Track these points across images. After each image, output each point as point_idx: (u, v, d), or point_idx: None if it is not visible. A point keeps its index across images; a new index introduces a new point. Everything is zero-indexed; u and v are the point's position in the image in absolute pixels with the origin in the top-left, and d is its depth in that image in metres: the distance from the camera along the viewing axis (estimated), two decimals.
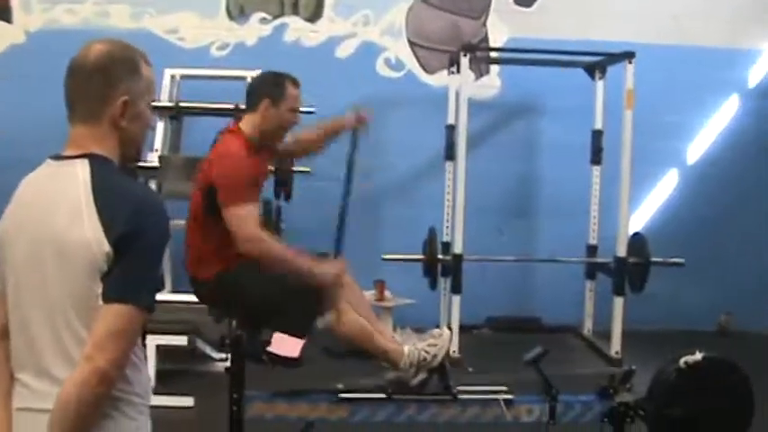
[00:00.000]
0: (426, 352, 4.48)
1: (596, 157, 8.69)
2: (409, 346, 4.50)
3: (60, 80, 2.42)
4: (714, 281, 9.20)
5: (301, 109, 7.67)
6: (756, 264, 9.37)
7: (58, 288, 2.27)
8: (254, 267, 4.39)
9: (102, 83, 2.36)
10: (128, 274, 2.25)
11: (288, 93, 4.60)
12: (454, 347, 7.50)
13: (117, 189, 2.32)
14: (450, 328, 4.77)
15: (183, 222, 6.63)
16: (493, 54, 9.11)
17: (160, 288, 2.44)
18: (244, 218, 4.31)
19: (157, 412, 2.46)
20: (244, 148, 4.48)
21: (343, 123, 5.05)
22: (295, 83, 4.66)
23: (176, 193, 7.26)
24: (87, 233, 2.24)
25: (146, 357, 2.48)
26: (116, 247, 2.23)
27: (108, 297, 2.24)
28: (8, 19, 8.75)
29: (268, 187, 6.60)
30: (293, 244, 4.86)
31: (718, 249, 9.27)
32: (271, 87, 4.60)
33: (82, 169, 2.32)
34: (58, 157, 2.39)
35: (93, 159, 2.34)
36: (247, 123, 4.58)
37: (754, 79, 9.54)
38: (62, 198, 2.30)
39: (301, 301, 4.44)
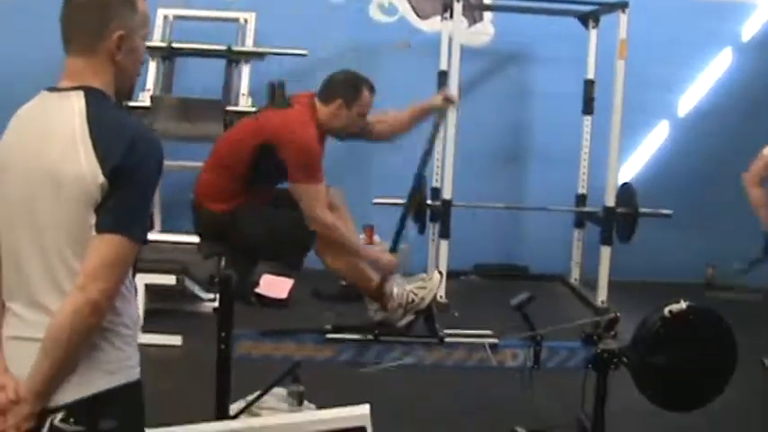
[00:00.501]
0: (415, 294, 4.51)
1: (588, 107, 8.70)
2: (398, 288, 4.53)
3: (55, 20, 2.42)
4: (702, 234, 9.25)
5: (294, 51, 7.68)
6: (743, 218, 9.39)
7: (51, 219, 2.28)
8: (254, 211, 4.47)
9: (99, 16, 2.35)
10: (121, 205, 2.26)
11: (362, 98, 4.62)
12: (441, 293, 7.55)
13: (113, 121, 2.33)
14: (440, 273, 4.78)
15: (174, 163, 6.70)
16: (486, 1, 9.08)
17: (150, 226, 2.46)
18: (315, 198, 4.42)
19: (146, 350, 2.49)
20: (315, 125, 4.52)
21: (431, 104, 5.06)
22: (372, 89, 4.69)
23: (168, 133, 7.26)
24: (82, 164, 2.24)
25: (136, 290, 2.49)
26: (111, 179, 2.23)
27: (101, 228, 2.25)
28: None
29: None
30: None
31: (707, 202, 9.29)
32: (348, 89, 4.61)
33: (77, 101, 2.31)
34: (53, 89, 2.39)
35: (89, 92, 2.34)
36: (320, 110, 4.56)
37: (747, 33, 9.54)
38: (57, 129, 2.29)
39: (294, 233, 4.48)
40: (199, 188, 4.59)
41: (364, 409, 2.82)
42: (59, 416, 2.27)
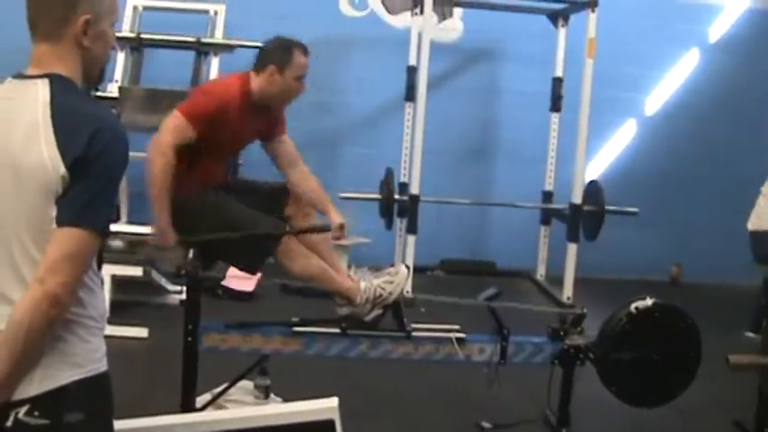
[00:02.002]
0: (382, 288, 4.50)
1: (555, 105, 8.73)
2: (365, 283, 4.52)
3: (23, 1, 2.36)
4: (667, 232, 9.32)
5: (262, 45, 7.67)
6: (708, 217, 9.48)
7: (13, 209, 2.24)
8: (215, 200, 4.41)
9: (65, 1, 2.30)
10: (82, 198, 2.21)
11: (295, 61, 4.53)
12: (408, 288, 7.56)
13: (77, 110, 2.27)
14: (407, 266, 4.77)
15: (141, 155, 6.65)
16: None
17: (114, 216, 2.41)
18: (170, 126, 4.32)
19: (112, 342, 2.47)
20: (239, 91, 4.46)
21: (331, 215, 4.77)
22: (304, 51, 4.60)
23: (135, 124, 7.23)
24: (44, 154, 2.19)
25: (102, 281, 2.46)
26: (72, 170, 2.18)
27: (61, 221, 2.20)
28: None
29: None
30: (252, 176, 4.84)
31: (672, 201, 9.38)
32: (279, 53, 4.53)
33: (43, 89, 2.26)
34: (19, 76, 2.34)
35: (55, 79, 2.29)
36: (253, 81, 4.53)
37: (714, 34, 9.63)
38: (20, 118, 2.25)
39: (254, 239, 4.42)
40: None
41: (332, 402, 2.81)
42: (24, 409, 2.23)
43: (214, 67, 7.90)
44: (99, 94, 7.27)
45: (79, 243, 2.21)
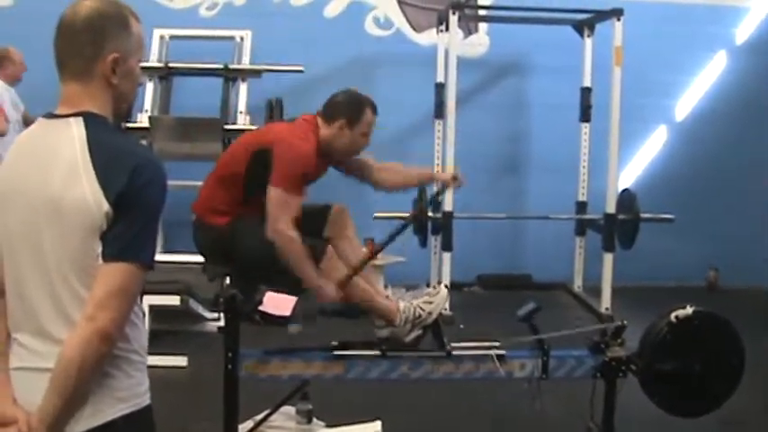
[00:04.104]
0: (422, 309, 4.48)
1: (585, 115, 8.71)
2: (405, 303, 4.50)
3: (50, 42, 2.37)
4: (703, 237, 9.26)
5: (290, 68, 7.70)
6: (743, 220, 9.41)
7: (55, 248, 2.25)
8: (253, 224, 4.40)
9: (93, 40, 2.32)
10: (128, 232, 2.23)
11: (365, 118, 4.60)
12: (445, 305, 7.52)
13: (114, 147, 2.29)
14: (446, 287, 4.74)
15: (174, 183, 6.66)
16: (481, 12, 9.11)
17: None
18: (284, 207, 4.29)
19: (151, 372, 2.47)
20: (314, 146, 4.46)
21: (439, 177, 5.03)
22: (374, 109, 4.67)
23: (166, 153, 7.27)
24: (85, 192, 2.21)
25: (144, 314, 2.47)
26: (115, 206, 2.21)
27: (108, 256, 2.22)
28: None
29: None
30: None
31: (706, 205, 9.32)
32: (351, 109, 4.58)
33: (77, 127, 2.29)
34: (51, 116, 2.36)
35: (88, 117, 2.31)
36: (322, 130, 4.55)
37: (741, 36, 9.59)
38: (58, 157, 2.27)
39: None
40: (198, 203, 4.55)
41: (376, 426, 2.80)
42: None
43: (243, 92, 7.93)
44: (130, 125, 7.32)
45: (127, 278, 2.24)
